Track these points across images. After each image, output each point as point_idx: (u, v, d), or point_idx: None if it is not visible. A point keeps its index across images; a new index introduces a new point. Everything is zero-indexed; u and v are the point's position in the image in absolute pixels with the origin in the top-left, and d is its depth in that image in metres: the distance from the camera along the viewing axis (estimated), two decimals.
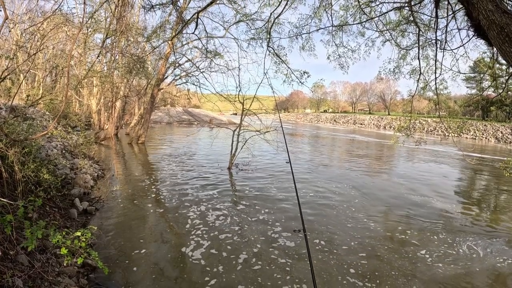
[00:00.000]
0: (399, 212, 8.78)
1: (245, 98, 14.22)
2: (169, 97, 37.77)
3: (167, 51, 20.01)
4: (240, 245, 6.28)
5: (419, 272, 5.55)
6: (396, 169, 15.96)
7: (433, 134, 46.80)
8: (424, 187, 11.98)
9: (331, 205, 9.12)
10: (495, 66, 7.89)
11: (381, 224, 7.83)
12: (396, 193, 10.82)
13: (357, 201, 9.58)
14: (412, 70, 8.73)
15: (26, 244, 3.13)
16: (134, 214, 7.77)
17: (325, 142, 29.92)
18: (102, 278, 4.75)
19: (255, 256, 5.81)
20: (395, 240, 6.90)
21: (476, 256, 6.31)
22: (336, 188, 10.98)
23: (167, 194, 9.67)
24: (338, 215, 8.31)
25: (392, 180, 13.00)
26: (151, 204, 8.64)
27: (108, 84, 18.12)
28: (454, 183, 13.65)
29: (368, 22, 8.58)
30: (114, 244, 6.07)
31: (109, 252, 5.74)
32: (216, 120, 46.51)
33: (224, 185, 11.00)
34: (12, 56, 6.72)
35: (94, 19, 11.61)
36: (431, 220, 8.26)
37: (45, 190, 6.42)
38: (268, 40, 9.43)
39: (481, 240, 7.10)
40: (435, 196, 10.57)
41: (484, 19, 3.14)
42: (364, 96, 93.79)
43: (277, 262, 5.65)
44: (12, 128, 6.25)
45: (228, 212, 8.19)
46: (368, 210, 8.79)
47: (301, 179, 12.14)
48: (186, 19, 13.24)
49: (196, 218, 7.66)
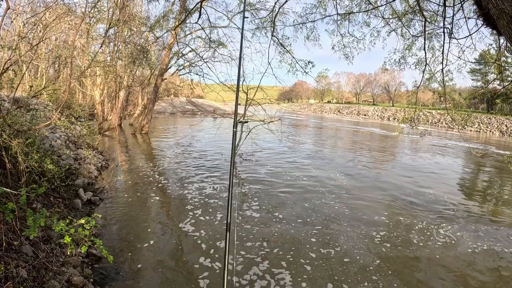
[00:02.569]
0: (399, 201, 8.77)
1: (249, 88, 14.15)
2: (172, 87, 37.65)
3: (171, 41, 19.91)
4: (245, 235, 6.29)
5: (422, 263, 5.55)
6: (399, 160, 15.90)
7: (437, 126, 46.50)
8: (427, 178, 11.94)
9: (335, 194, 9.12)
10: (502, 59, 7.74)
11: (379, 213, 7.82)
12: (398, 183, 10.80)
13: (359, 191, 9.58)
14: (418, 61, 8.60)
15: (28, 233, 3.14)
16: (138, 204, 7.80)
17: (330, 133, 29.81)
18: (106, 268, 4.79)
19: (260, 246, 5.82)
20: (396, 228, 6.89)
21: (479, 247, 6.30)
22: (338, 178, 10.98)
23: (171, 183, 9.70)
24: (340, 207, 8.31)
25: (394, 171, 12.96)
26: (155, 194, 8.67)
27: (111, 75, 18.08)
28: (457, 174, 13.58)
29: (373, 10, 8.44)
30: (119, 234, 6.11)
31: (114, 241, 5.77)
32: (220, 110, 46.36)
33: (227, 174, 11.02)
34: (15, 47, 6.67)
35: (97, 9, 11.53)
36: (434, 211, 8.24)
37: (49, 180, 6.45)
38: (273, 30, 9.33)
39: (486, 230, 7.08)
40: (435, 187, 10.55)
41: (494, 8, 3.06)
42: (368, 87, 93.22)
43: (287, 256, 5.66)
44: (15, 119, 6.26)
45: (232, 201, 8.19)
46: (372, 200, 8.78)
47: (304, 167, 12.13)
48: (189, 8, 13.11)
49: (200, 207, 7.69)
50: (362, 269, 5.24)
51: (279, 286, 4.65)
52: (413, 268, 5.43)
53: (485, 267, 5.65)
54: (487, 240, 6.71)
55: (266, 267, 5.14)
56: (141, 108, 26.57)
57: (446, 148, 21.96)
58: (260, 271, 5.02)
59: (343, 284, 4.78)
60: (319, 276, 4.96)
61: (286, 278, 4.86)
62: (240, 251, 5.62)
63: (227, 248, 2.08)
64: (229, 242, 2.22)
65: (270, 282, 4.74)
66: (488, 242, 6.59)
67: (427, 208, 8.53)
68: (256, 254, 5.57)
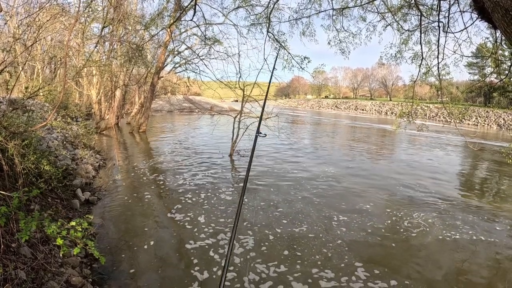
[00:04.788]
0: (397, 195, 8.80)
1: (246, 84, 14.13)
2: (169, 85, 37.48)
3: (166, 38, 19.80)
4: (243, 231, 6.30)
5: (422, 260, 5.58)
6: (396, 155, 15.94)
7: (435, 120, 46.60)
8: (424, 172, 11.99)
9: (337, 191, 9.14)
10: (498, 52, 7.74)
11: (378, 206, 7.85)
12: (395, 177, 10.84)
13: (358, 186, 9.61)
14: (414, 55, 8.59)
15: (20, 236, 3.13)
16: (136, 203, 7.80)
17: (328, 129, 29.83)
18: (105, 267, 4.78)
19: (257, 242, 5.83)
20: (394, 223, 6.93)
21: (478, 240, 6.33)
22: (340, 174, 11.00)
23: (169, 181, 9.69)
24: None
25: (391, 166, 13.00)
26: (152, 192, 8.67)
27: (107, 74, 17.99)
28: (455, 168, 13.64)
29: (369, 4, 8.40)
30: (117, 233, 6.11)
31: (112, 240, 5.77)
32: (217, 107, 46.29)
33: (225, 171, 11.03)
34: (9, 48, 6.63)
35: (91, 8, 11.45)
36: (433, 203, 8.29)
37: (46, 181, 6.42)
38: (268, 26, 9.28)
39: (483, 224, 7.12)
40: (432, 180, 10.60)
41: (488, 1, 3.05)
42: (366, 82, 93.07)
43: (282, 252, 5.67)
44: (11, 121, 6.22)
45: (231, 199, 8.22)
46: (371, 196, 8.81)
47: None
48: (184, 6, 13.05)
49: (198, 205, 7.69)
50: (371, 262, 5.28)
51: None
52: (415, 260, 5.47)
53: (482, 258, 5.69)
54: (478, 231, 6.76)
55: (266, 268, 5.16)
56: (138, 107, 26.46)
57: (443, 142, 22.03)
58: (261, 272, 5.03)
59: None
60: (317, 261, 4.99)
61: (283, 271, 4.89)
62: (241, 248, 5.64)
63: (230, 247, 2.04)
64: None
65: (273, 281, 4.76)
66: (483, 233, 6.64)
67: (427, 202, 8.58)
68: (260, 252, 5.59)
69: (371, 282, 4.79)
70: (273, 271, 4.96)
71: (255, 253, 5.49)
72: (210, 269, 4.96)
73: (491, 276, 5.20)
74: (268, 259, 5.31)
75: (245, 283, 4.64)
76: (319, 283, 4.71)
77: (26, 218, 3.30)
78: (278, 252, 5.58)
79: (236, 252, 5.49)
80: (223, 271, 1.46)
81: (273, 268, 5.05)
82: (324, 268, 5.09)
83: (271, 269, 5.01)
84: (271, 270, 5.00)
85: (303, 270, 5.03)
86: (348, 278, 4.86)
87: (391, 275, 4.96)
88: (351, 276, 4.92)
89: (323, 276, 4.87)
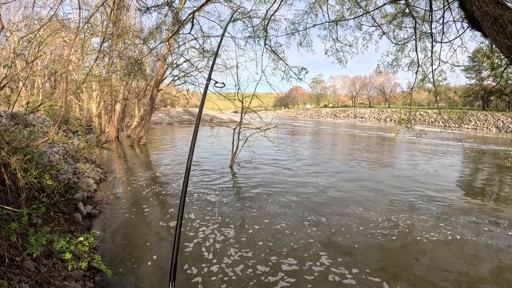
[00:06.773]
0: (397, 201, 8.82)
1: (244, 96, 14.24)
2: (168, 98, 37.71)
3: (165, 52, 20.01)
4: (244, 242, 6.31)
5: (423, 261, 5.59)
6: (396, 162, 15.98)
7: (434, 125, 46.71)
8: (424, 177, 12.02)
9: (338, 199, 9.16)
10: (494, 55, 7.85)
11: (380, 212, 7.87)
12: (395, 185, 10.87)
13: (360, 192, 9.63)
14: (411, 63, 8.69)
15: (31, 251, 3.17)
16: (137, 216, 7.82)
17: (328, 139, 29.90)
18: (107, 280, 4.79)
19: (260, 253, 5.85)
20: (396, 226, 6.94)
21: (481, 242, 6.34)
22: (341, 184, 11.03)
23: (169, 193, 9.72)
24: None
25: (392, 172, 13.03)
26: (154, 205, 8.69)
27: (107, 88, 18.12)
28: (456, 173, 13.66)
29: (364, 16, 8.55)
30: (119, 246, 6.12)
31: (114, 253, 5.79)
32: (217, 119, 46.46)
33: (226, 183, 11.06)
34: (10, 64, 6.73)
35: (91, 24, 11.61)
36: (435, 209, 8.30)
37: (48, 195, 6.47)
38: (265, 38, 9.42)
39: (486, 227, 7.13)
40: (435, 186, 10.62)
41: (478, 10, 3.14)
42: (364, 90, 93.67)
43: (284, 261, 5.69)
44: (13, 136, 6.28)
45: (231, 210, 8.24)
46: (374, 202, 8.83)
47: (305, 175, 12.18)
48: (182, 19, 13.22)
49: (199, 216, 7.71)
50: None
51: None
52: (416, 263, 5.48)
53: (484, 262, 5.69)
54: (481, 234, 6.77)
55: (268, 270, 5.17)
56: (138, 120, 26.58)
57: (443, 147, 22.08)
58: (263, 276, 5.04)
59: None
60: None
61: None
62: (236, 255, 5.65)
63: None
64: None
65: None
66: (485, 238, 6.65)
67: (427, 207, 8.59)
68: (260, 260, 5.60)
69: (371, 283, 4.80)
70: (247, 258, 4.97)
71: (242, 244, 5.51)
72: (213, 278, 4.97)
73: (493, 279, 5.20)
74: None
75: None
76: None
77: (36, 234, 3.34)
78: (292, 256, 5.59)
79: (218, 240, 5.54)
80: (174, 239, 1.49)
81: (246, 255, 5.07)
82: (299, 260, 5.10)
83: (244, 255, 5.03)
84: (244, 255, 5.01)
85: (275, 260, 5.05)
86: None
87: (395, 279, 4.97)
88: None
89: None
